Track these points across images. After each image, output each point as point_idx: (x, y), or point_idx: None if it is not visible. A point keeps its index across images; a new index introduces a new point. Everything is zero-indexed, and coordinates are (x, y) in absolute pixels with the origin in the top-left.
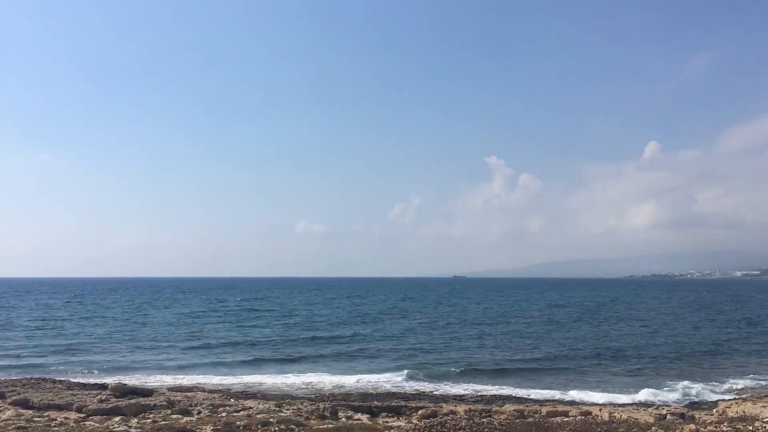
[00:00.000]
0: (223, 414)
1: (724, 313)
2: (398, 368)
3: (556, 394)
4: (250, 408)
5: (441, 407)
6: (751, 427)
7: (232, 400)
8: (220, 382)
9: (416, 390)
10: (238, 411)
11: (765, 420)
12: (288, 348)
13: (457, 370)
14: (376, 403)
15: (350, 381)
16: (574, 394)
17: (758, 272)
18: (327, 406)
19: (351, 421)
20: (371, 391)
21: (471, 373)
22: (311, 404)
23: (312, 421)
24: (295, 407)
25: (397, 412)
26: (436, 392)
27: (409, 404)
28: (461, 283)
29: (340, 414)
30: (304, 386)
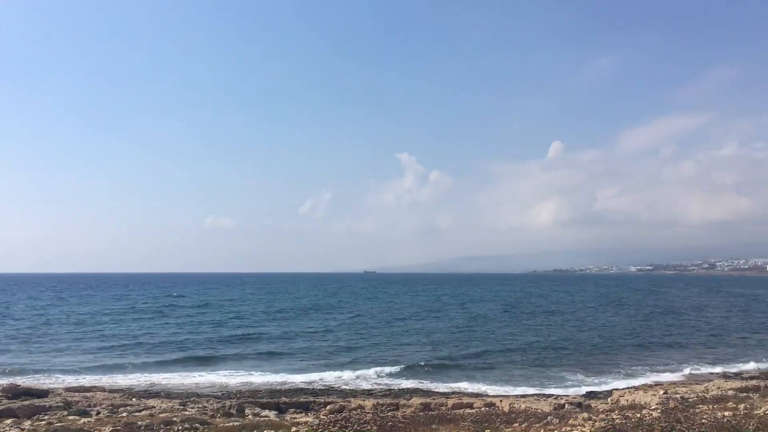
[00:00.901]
0: (124, 414)
1: (627, 306)
2: (316, 366)
3: (465, 387)
4: (153, 407)
5: (349, 402)
6: (639, 415)
7: (134, 399)
8: (121, 382)
9: (327, 385)
10: (140, 411)
11: (652, 408)
12: (199, 347)
13: (375, 365)
14: (284, 399)
15: (261, 379)
16: (481, 387)
17: (651, 267)
18: (233, 403)
19: (258, 418)
20: (279, 388)
21: (386, 368)
22: (217, 402)
23: (217, 419)
24: (200, 405)
25: (305, 407)
26: (346, 387)
27: (317, 400)
28: (374, 279)
29: (247, 411)
30: (210, 385)
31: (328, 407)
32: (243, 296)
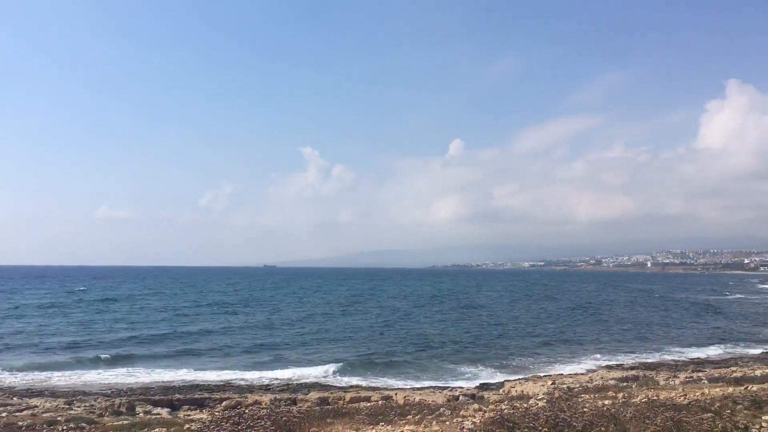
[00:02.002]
0: (3, 414)
1: (534, 301)
2: (229, 365)
3: (368, 382)
4: (36, 407)
5: (246, 398)
6: (526, 405)
7: (15, 399)
8: (2, 381)
9: (224, 381)
10: (21, 410)
11: (539, 398)
12: (99, 345)
13: (292, 363)
14: (177, 396)
15: (162, 377)
16: (383, 381)
17: (543, 263)
18: (124, 401)
19: (149, 416)
20: (174, 385)
21: (287, 363)
22: (106, 400)
23: (106, 418)
24: (87, 404)
25: (200, 404)
26: (242, 383)
27: (213, 396)
28: (277, 273)
29: (138, 409)
30: (102, 383)
31: (223, 403)
32: (146, 290)
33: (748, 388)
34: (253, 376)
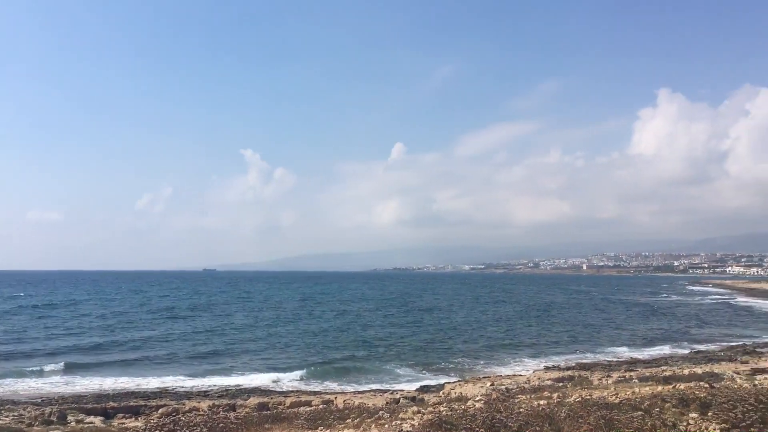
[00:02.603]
0: None
1: (483, 303)
2: (176, 371)
3: (310, 387)
4: None
5: (184, 404)
6: (464, 406)
7: None
8: None
9: (160, 388)
10: None
11: (476, 399)
12: (35, 354)
13: (219, 368)
14: (111, 404)
15: (101, 385)
16: (326, 385)
17: (483, 266)
18: (55, 410)
19: (82, 424)
20: (109, 392)
21: (230, 370)
22: (36, 409)
23: (35, 428)
24: (15, 413)
25: (135, 412)
26: (181, 390)
27: (149, 403)
28: (218, 276)
29: (70, 418)
30: (34, 392)
31: (159, 411)
32: (86, 295)
33: (676, 387)
34: (194, 383)
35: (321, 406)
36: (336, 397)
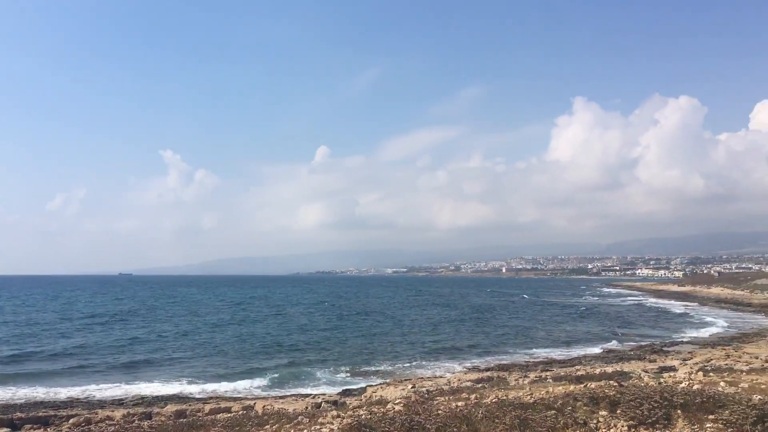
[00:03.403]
0: None
1: (413, 307)
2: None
3: (232, 392)
4: None
5: (96, 414)
6: (383, 409)
7: None
8: None
9: (71, 397)
10: None
11: (396, 402)
12: None
13: (138, 375)
14: (19, 414)
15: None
16: (248, 390)
17: (405, 269)
18: None
19: None
20: (16, 402)
21: (151, 377)
22: None
23: None
24: None
25: (44, 422)
26: (94, 399)
27: (59, 413)
28: (136, 281)
29: None
30: None
31: (71, 420)
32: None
33: (588, 386)
34: (110, 392)
35: (241, 412)
36: (256, 403)
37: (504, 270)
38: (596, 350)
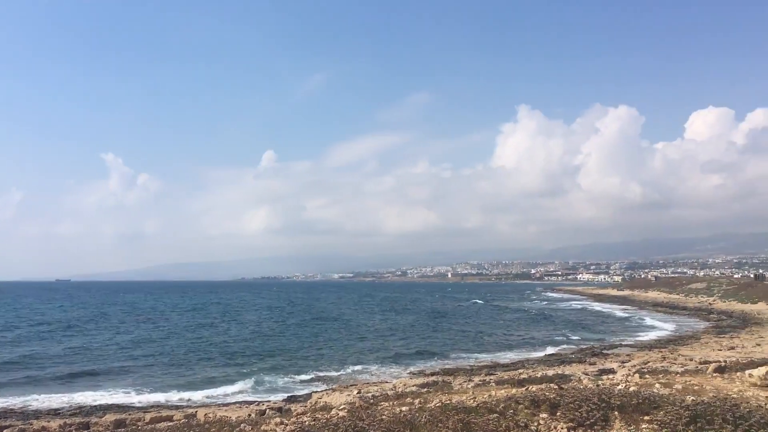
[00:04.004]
0: None
1: (351, 311)
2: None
3: (175, 400)
4: None
5: (31, 424)
6: (327, 415)
7: None
8: None
9: (4, 407)
10: None
11: (340, 408)
12: None
13: (82, 383)
14: None
15: None
16: (192, 398)
17: (352, 275)
18: None
19: None
20: None
21: (89, 384)
22: None
23: None
24: None
25: None
26: (29, 409)
27: None
28: (72, 287)
29: None
30: None
31: None
32: None
33: (529, 389)
34: (48, 402)
35: (182, 421)
36: (198, 411)
37: (450, 275)
38: (539, 354)
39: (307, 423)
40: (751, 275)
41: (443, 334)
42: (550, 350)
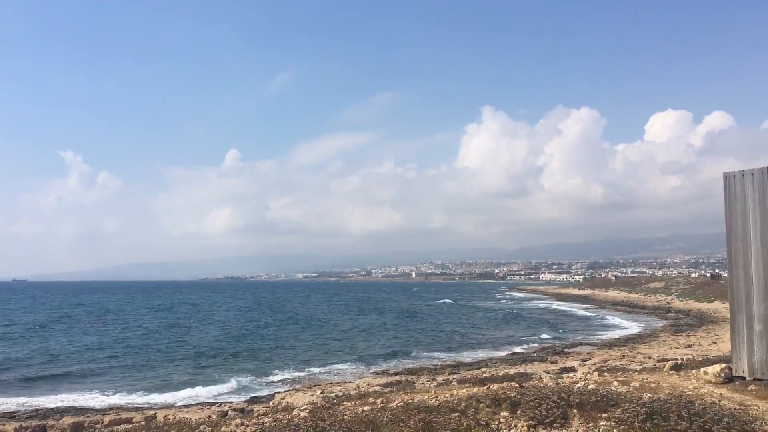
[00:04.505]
0: None
1: (324, 310)
2: None
3: (138, 402)
4: None
5: None
6: (288, 416)
7: None
8: None
9: None
10: None
11: (302, 408)
12: None
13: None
14: None
15: None
16: (151, 400)
17: (316, 274)
18: None
19: None
20: None
21: (39, 385)
22: None
23: None
24: None
25: None
26: None
27: None
28: (30, 287)
29: None
30: None
31: None
32: None
33: (490, 388)
34: (10, 406)
35: (142, 423)
36: (156, 413)
37: (414, 275)
38: (503, 353)
39: (267, 424)
40: (708, 275)
41: (413, 333)
42: (513, 349)
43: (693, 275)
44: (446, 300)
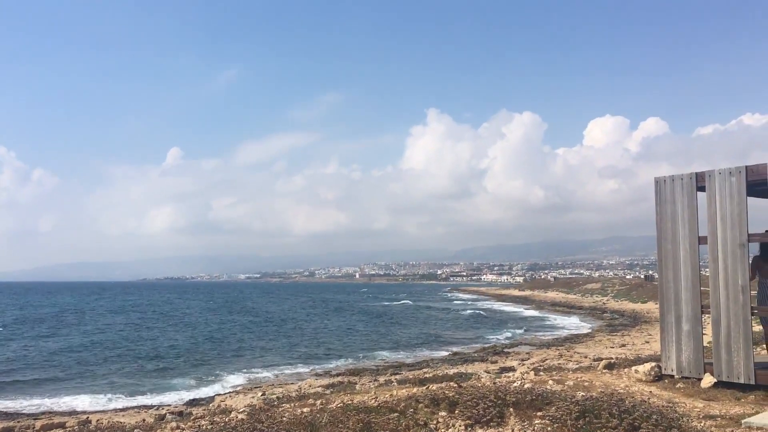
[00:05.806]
0: None
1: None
2: None
3: (67, 407)
4: None
5: None
6: (226, 418)
7: None
8: None
9: None
10: None
11: (240, 410)
12: None
13: None
14: None
15: None
16: (87, 403)
17: (259, 275)
18: None
19: None
20: None
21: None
22: None
23: None
24: None
25: None
26: None
27: None
28: None
29: None
30: None
31: None
32: None
33: (429, 388)
34: None
35: (75, 427)
36: (89, 417)
37: (357, 276)
38: (444, 353)
39: (204, 427)
40: (642, 276)
41: (355, 334)
42: (453, 349)
43: (628, 276)
44: (406, 301)
